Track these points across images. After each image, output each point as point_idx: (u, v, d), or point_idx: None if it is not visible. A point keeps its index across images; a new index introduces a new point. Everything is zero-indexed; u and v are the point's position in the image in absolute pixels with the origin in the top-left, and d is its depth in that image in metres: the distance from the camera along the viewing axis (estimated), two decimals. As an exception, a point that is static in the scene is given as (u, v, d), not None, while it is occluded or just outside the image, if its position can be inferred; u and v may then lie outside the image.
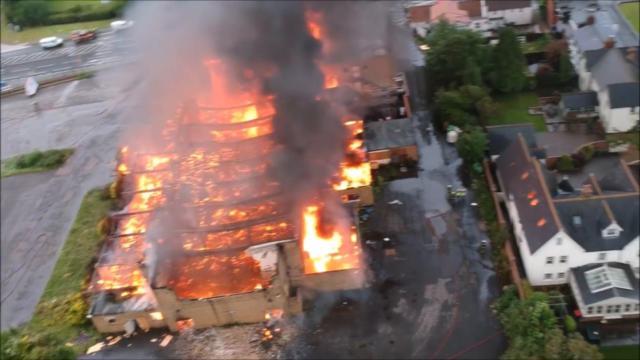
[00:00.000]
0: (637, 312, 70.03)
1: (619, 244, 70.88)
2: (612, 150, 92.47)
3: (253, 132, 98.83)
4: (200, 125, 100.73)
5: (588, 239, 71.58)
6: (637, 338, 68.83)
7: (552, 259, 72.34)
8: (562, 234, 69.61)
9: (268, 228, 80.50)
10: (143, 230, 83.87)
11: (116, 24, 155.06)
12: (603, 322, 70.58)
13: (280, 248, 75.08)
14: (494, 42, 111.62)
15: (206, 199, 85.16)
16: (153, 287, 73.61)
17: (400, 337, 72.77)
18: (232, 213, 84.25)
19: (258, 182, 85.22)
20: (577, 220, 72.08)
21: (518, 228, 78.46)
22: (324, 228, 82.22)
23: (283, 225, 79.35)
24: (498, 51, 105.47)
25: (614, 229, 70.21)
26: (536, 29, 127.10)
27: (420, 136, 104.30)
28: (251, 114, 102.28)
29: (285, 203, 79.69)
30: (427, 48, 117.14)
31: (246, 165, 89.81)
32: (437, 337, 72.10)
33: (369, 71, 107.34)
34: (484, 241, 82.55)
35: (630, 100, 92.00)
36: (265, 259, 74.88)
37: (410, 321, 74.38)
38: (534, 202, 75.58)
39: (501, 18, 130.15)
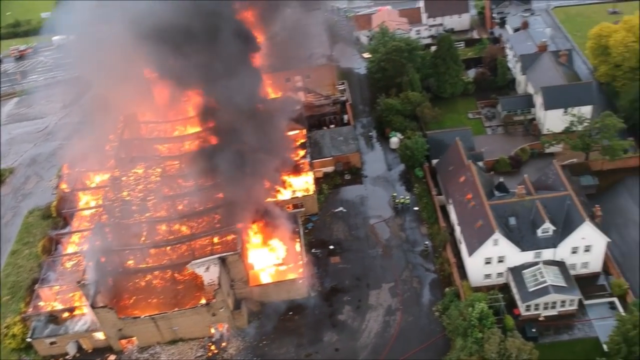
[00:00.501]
0: (573, 308, 72.09)
1: (553, 242, 72.99)
2: (548, 150, 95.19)
3: (196, 144, 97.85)
4: (141, 139, 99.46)
5: (523, 238, 73.48)
6: (573, 333, 70.78)
7: (490, 259, 73.99)
8: (498, 235, 71.30)
9: (215, 240, 79.98)
10: (84, 249, 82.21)
11: (57, 38, 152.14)
12: (541, 319, 72.44)
13: (223, 261, 74.68)
14: (434, 48, 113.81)
15: (147, 214, 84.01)
16: (93, 306, 72.22)
17: (345, 344, 73.22)
18: (176, 227, 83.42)
19: (201, 195, 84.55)
20: (512, 221, 73.93)
21: (457, 230, 80.00)
22: (268, 239, 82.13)
23: (227, 238, 78.86)
24: (436, 57, 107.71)
25: (547, 227, 72.24)
26: (475, 35, 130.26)
27: (363, 143, 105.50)
28: (194, 126, 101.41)
29: (228, 215, 79.24)
30: (369, 56, 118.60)
31: (189, 179, 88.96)
32: (382, 342, 72.81)
33: (311, 80, 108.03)
34: (426, 243, 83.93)
35: (563, 102, 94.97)
36: (208, 272, 74.34)
37: (355, 328, 74.92)
38: (471, 205, 77.24)
39: (441, 24, 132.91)
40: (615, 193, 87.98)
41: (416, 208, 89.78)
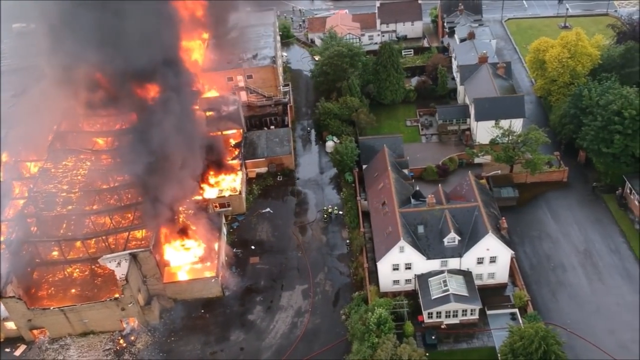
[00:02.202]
0: (474, 317, 73.57)
1: (458, 252, 74.43)
2: (477, 161, 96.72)
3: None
4: (78, 132, 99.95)
5: (430, 247, 74.88)
6: (472, 342, 72.23)
7: (397, 266, 75.33)
8: (403, 243, 72.62)
9: (131, 236, 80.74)
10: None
11: (17, 25, 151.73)
12: (443, 327, 73.89)
13: (134, 257, 75.55)
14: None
15: (70, 207, 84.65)
16: (1, 296, 72.88)
17: (251, 343, 74.40)
18: (101, 221, 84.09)
19: (125, 190, 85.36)
20: (421, 229, 75.26)
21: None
22: (187, 237, 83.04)
23: (142, 234, 79.72)
24: (377, 64, 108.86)
25: (453, 237, 73.67)
26: (425, 43, 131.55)
27: (301, 145, 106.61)
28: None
29: (147, 212, 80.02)
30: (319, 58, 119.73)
31: (116, 173, 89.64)
32: (286, 343, 74.05)
33: (254, 80, 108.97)
34: (347, 242, 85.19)
35: (493, 114, 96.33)
36: (120, 268, 75.16)
37: (263, 328, 76.11)
38: (384, 211, 78.55)
39: (394, 31, 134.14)
40: (535, 206, 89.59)
41: (340, 212, 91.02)
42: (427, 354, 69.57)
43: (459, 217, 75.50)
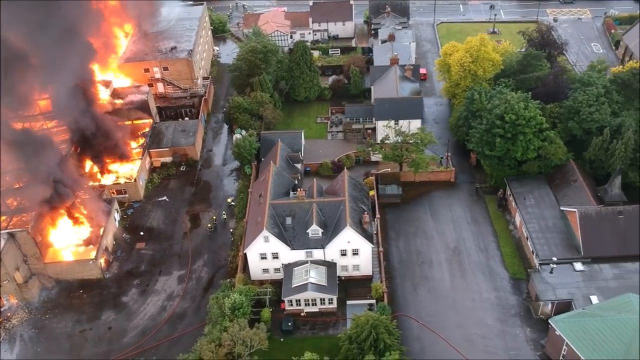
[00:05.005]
0: (332, 307, 76.72)
1: (321, 243, 77.59)
2: (374, 159, 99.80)
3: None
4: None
5: (296, 237, 78.01)
6: (328, 330, 75.30)
7: (265, 255, 78.43)
8: (267, 233, 75.74)
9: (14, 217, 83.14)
10: None
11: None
12: (302, 314, 77.06)
13: (12, 237, 78.69)
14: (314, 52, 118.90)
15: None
16: None
17: (119, 323, 77.61)
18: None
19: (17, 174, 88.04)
20: (289, 221, 78.37)
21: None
22: (75, 220, 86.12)
23: (26, 215, 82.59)
24: (292, 62, 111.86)
25: (316, 229, 76.84)
26: (354, 43, 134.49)
27: (211, 137, 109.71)
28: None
29: (33, 194, 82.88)
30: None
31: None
32: (152, 324, 77.22)
33: (170, 72, 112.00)
34: (231, 231, 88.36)
35: (393, 114, 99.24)
36: (-1, 247, 78.33)
37: (134, 310, 79.32)
38: (260, 202, 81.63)
39: (326, 30, 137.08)
40: (418, 204, 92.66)
41: (233, 203, 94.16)
42: (282, 340, 73.13)
43: (326, 211, 78.65)
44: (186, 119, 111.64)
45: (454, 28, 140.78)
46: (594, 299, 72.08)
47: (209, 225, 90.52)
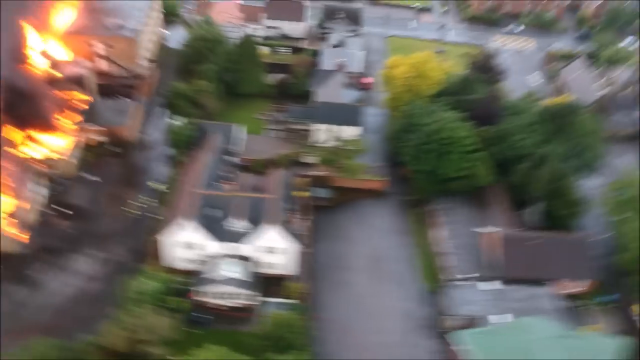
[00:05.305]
0: (250, 302, 77.12)
1: (245, 238, 77.90)
2: (310, 160, 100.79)
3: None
4: None
5: (220, 230, 78.07)
6: (244, 325, 75.47)
7: (182, 244, 78.13)
8: (184, 221, 75.69)
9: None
10: None
11: None
12: (212, 307, 77.07)
13: None
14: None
15: None
16: None
17: (25, 299, 75.81)
18: None
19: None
20: (214, 212, 78.34)
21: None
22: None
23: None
24: (238, 55, 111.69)
25: (240, 224, 77.16)
26: (305, 44, 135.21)
27: (149, 121, 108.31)
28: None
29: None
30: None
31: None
32: (57, 302, 76.06)
33: (114, 51, 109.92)
34: (156, 217, 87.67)
35: (329, 119, 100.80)
36: None
37: (44, 287, 77.60)
38: (187, 191, 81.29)
39: (279, 28, 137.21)
40: (347, 209, 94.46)
41: (163, 188, 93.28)
42: (194, 331, 73.38)
43: (252, 207, 78.94)
44: (126, 99, 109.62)
45: (404, 42, 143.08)
46: (500, 318, 75.02)
47: (135, 208, 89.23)
